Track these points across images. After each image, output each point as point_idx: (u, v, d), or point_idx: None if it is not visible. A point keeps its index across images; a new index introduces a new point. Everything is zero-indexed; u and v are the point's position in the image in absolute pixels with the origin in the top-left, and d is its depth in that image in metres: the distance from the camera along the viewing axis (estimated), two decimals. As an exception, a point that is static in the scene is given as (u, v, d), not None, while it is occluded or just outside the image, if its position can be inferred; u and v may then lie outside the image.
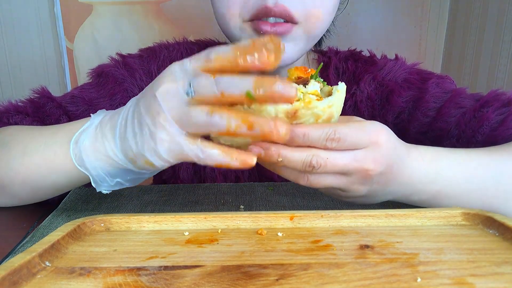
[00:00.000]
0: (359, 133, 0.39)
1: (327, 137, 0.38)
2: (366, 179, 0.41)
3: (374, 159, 0.40)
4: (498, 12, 1.15)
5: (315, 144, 0.38)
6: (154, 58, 0.69)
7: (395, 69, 0.66)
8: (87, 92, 0.65)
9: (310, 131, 0.37)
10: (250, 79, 0.33)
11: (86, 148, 0.43)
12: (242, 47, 0.34)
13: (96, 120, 0.44)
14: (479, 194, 0.46)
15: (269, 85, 0.33)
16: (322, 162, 0.38)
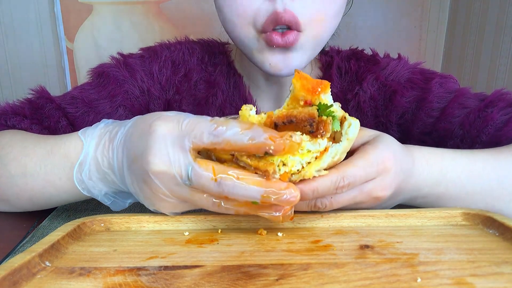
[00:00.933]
0: (366, 169, 0.39)
1: (336, 186, 0.37)
2: (376, 203, 0.42)
3: (382, 188, 0.40)
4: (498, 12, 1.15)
5: (326, 195, 0.38)
6: (155, 58, 0.69)
7: (398, 69, 0.66)
8: (87, 93, 0.64)
9: (319, 186, 0.37)
10: (258, 191, 0.34)
11: (94, 184, 0.43)
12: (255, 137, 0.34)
13: (90, 151, 0.43)
14: (483, 196, 0.46)
15: (276, 197, 0.34)
16: (327, 202, 0.39)
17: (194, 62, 0.70)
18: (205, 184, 0.35)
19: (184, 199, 0.38)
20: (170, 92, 0.69)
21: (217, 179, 0.35)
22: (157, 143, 0.36)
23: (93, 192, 0.44)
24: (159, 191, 0.38)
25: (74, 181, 0.44)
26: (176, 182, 0.37)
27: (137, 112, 0.67)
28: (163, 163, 0.36)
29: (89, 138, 0.43)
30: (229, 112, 0.67)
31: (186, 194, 0.37)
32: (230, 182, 0.34)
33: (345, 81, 0.69)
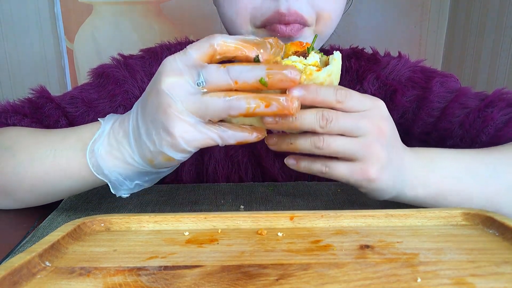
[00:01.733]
0: (362, 96, 0.42)
1: (336, 91, 0.40)
2: (381, 136, 0.42)
3: (381, 117, 0.42)
4: (498, 12, 1.15)
5: (326, 99, 0.40)
6: (155, 59, 0.69)
7: (398, 68, 0.66)
8: (87, 92, 0.64)
9: (321, 87, 0.40)
10: (262, 67, 0.37)
11: (103, 157, 0.43)
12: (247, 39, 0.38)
13: (107, 127, 0.44)
14: (481, 190, 0.46)
15: (280, 72, 0.36)
16: (334, 115, 0.40)
17: None
18: (215, 75, 0.37)
19: (197, 108, 0.38)
20: None
21: (226, 66, 0.37)
22: (168, 65, 0.39)
23: (102, 167, 0.43)
24: (173, 107, 0.38)
25: (86, 156, 0.43)
26: (189, 90, 0.38)
27: None
28: (175, 75, 0.38)
29: (107, 119, 0.45)
30: None
31: (198, 100, 0.38)
32: (237, 66, 0.37)
33: (345, 80, 0.69)
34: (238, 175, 0.67)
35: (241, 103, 0.37)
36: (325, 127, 0.40)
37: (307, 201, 0.54)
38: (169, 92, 0.38)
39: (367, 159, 0.42)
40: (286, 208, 0.52)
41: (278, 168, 0.66)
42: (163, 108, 0.38)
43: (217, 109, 0.38)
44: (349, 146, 0.41)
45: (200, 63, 0.38)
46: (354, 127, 0.41)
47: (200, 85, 0.37)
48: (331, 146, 0.41)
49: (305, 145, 0.42)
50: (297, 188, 0.59)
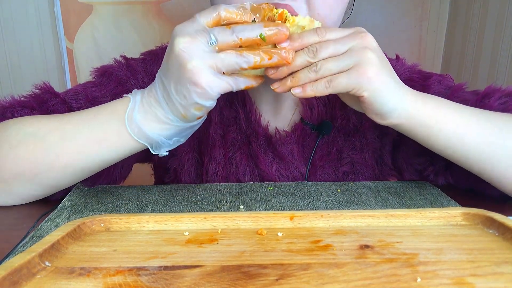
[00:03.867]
0: (342, 29, 0.48)
1: (316, 31, 0.47)
2: (366, 45, 0.47)
3: (368, 39, 0.48)
4: (498, 12, 1.15)
5: (310, 39, 0.47)
6: (156, 60, 0.69)
7: (397, 68, 0.66)
8: (89, 90, 0.64)
9: (303, 32, 0.47)
10: (260, 25, 0.44)
11: (142, 122, 0.48)
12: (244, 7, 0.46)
13: (138, 98, 0.49)
14: (478, 132, 0.50)
15: (274, 28, 0.44)
16: (317, 46, 0.46)
17: None
18: (223, 34, 0.44)
19: (214, 63, 0.44)
20: None
21: (231, 27, 0.44)
22: (180, 31, 0.45)
23: (143, 129, 0.48)
24: (193, 63, 0.43)
25: (125, 125, 0.48)
26: (203, 49, 0.44)
27: None
28: (190, 36, 0.44)
29: (135, 93, 0.50)
30: (229, 113, 0.67)
31: (214, 56, 0.44)
32: (240, 26, 0.44)
33: None
34: (236, 176, 0.67)
35: (250, 58, 0.44)
36: (315, 57, 0.46)
37: (307, 201, 0.54)
38: (187, 52, 0.43)
39: (361, 63, 0.46)
40: (286, 208, 0.52)
41: (275, 170, 0.66)
42: (185, 66, 0.44)
43: (231, 63, 0.44)
44: (341, 59, 0.46)
45: (208, 27, 0.44)
46: (339, 47, 0.46)
47: (212, 44, 0.44)
48: (325, 65, 0.46)
49: (304, 73, 0.47)
50: (297, 188, 0.59)
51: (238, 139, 0.67)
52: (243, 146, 0.67)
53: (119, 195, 0.57)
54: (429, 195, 0.56)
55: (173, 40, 0.45)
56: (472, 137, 0.50)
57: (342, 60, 0.46)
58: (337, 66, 0.46)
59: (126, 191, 0.59)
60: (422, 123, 0.50)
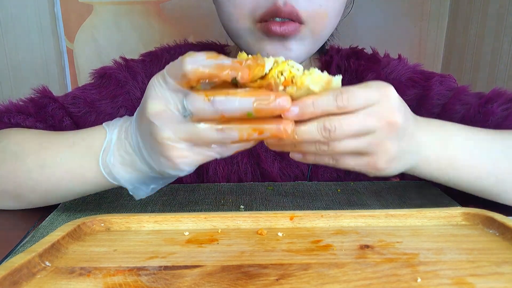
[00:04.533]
0: (367, 89, 0.38)
1: (335, 97, 0.37)
2: (391, 132, 0.39)
3: (391, 110, 0.39)
4: (498, 12, 1.15)
5: (326, 109, 0.37)
6: (156, 62, 0.69)
7: (398, 68, 0.66)
8: (88, 93, 0.64)
9: (317, 98, 0.37)
10: (249, 100, 0.35)
11: (117, 168, 0.43)
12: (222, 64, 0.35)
13: (113, 137, 0.44)
14: (492, 167, 0.46)
15: (268, 103, 0.35)
16: (337, 123, 0.37)
17: None
18: (200, 107, 0.36)
19: (188, 137, 0.38)
20: None
21: (210, 99, 0.35)
22: (152, 90, 0.38)
23: (117, 177, 0.44)
24: (164, 136, 0.38)
25: (99, 167, 0.44)
26: (176, 119, 0.37)
27: None
28: (161, 103, 0.37)
29: (112, 127, 0.45)
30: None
31: (189, 129, 0.37)
32: (222, 98, 0.35)
33: (345, 79, 0.69)
34: (237, 175, 0.67)
35: (233, 134, 0.37)
36: (329, 137, 0.38)
37: (307, 201, 0.54)
38: (157, 122, 0.38)
39: (375, 153, 0.40)
40: (286, 208, 0.52)
41: (277, 168, 0.66)
42: (155, 137, 0.38)
43: (210, 139, 0.37)
44: (356, 145, 0.39)
45: (181, 90, 0.37)
46: (360, 129, 0.38)
47: (187, 116, 0.37)
48: (336, 148, 0.39)
49: (309, 148, 0.40)
50: (297, 188, 0.59)
51: None
52: None
53: (119, 195, 0.57)
54: (430, 195, 0.56)
55: (145, 101, 0.39)
56: (488, 179, 0.47)
57: (357, 145, 0.39)
58: (350, 151, 0.40)
59: (126, 191, 0.59)
60: (434, 175, 0.46)
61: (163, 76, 0.38)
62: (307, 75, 0.36)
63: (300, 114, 0.36)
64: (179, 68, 0.36)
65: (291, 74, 0.36)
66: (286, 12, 0.52)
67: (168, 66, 0.38)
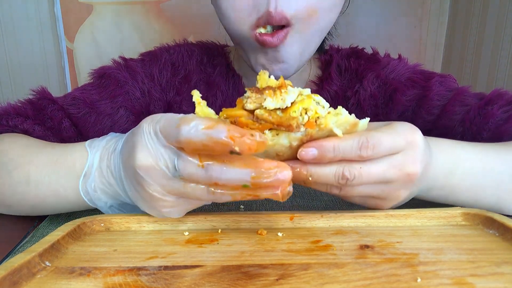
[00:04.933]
0: (393, 136, 0.36)
1: (359, 145, 0.35)
2: (408, 183, 0.38)
3: (413, 161, 0.37)
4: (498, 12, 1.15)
5: (348, 156, 0.35)
6: (155, 61, 0.69)
7: (398, 68, 0.66)
8: (88, 93, 0.64)
9: (340, 143, 0.35)
10: (247, 172, 0.33)
11: (98, 194, 0.43)
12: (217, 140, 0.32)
13: (95, 162, 0.43)
14: (495, 189, 0.45)
15: (267, 177, 0.32)
16: (356, 172, 0.36)
17: (193, 63, 0.70)
18: (192, 172, 0.34)
19: (177, 193, 0.36)
20: (171, 94, 0.69)
21: (204, 165, 0.33)
22: (143, 139, 0.36)
23: (98, 204, 0.44)
24: (151, 189, 0.37)
25: (79, 192, 0.43)
26: (165, 176, 0.36)
27: (137, 113, 0.67)
28: (150, 157, 0.36)
29: (94, 150, 0.43)
30: None
31: (178, 187, 0.36)
32: (217, 167, 0.33)
33: (344, 78, 0.69)
34: None
35: (226, 198, 0.35)
36: (345, 184, 0.36)
37: (307, 201, 0.54)
38: (145, 176, 0.36)
39: (385, 199, 0.39)
40: (286, 208, 0.52)
41: None
42: (143, 188, 0.37)
43: (200, 198, 0.36)
44: (370, 191, 0.38)
45: (173, 149, 0.35)
46: (379, 179, 0.36)
47: (176, 175, 0.35)
48: (348, 193, 0.38)
49: (321, 188, 0.38)
50: (297, 188, 0.59)
51: None
52: None
53: (119, 195, 0.57)
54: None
55: (134, 149, 0.36)
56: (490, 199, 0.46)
57: (370, 194, 0.38)
58: (362, 195, 0.39)
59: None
60: (433, 199, 0.46)
61: (155, 130, 0.36)
62: (333, 116, 0.34)
63: (319, 158, 0.35)
64: (174, 133, 0.34)
65: (316, 115, 0.34)
66: (277, 19, 0.53)
67: (162, 123, 0.35)
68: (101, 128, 0.64)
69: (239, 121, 0.34)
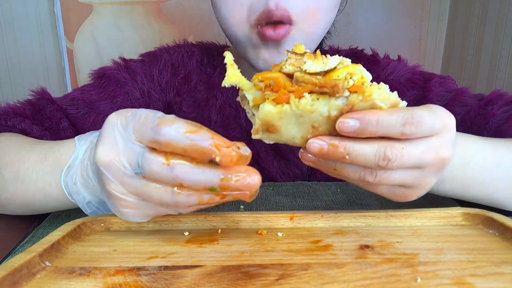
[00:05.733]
0: (433, 117, 0.34)
1: (404, 121, 0.32)
2: (440, 169, 0.36)
3: (447, 145, 0.35)
4: (498, 12, 1.15)
5: (391, 131, 0.32)
6: (155, 62, 0.69)
7: (398, 69, 0.66)
8: (87, 94, 0.64)
9: (384, 116, 0.32)
10: (216, 174, 0.31)
11: (77, 186, 0.41)
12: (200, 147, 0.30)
13: (80, 154, 0.41)
14: (506, 182, 0.45)
15: (236, 181, 0.31)
16: (398, 153, 0.33)
17: (193, 64, 0.70)
18: (157, 171, 0.32)
19: (138, 193, 0.34)
20: (170, 94, 0.69)
21: (170, 164, 0.32)
22: (108, 132, 0.35)
23: (76, 198, 0.42)
24: (111, 186, 0.34)
25: (61, 184, 0.42)
26: (126, 173, 0.34)
27: None
28: (112, 152, 0.34)
29: (82, 143, 0.42)
30: (229, 113, 0.67)
31: (140, 187, 0.34)
32: (185, 167, 0.31)
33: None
34: None
35: (192, 199, 0.33)
36: (385, 166, 0.33)
37: (307, 201, 0.54)
38: (105, 172, 0.34)
39: (416, 187, 0.37)
40: (286, 208, 0.52)
41: (276, 167, 0.66)
42: (104, 185, 0.35)
43: (162, 200, 0.33)
44: (404, 178, 0.35)
45: (140, 148, 0.33)
46: (417, 162, 0.34)
47: (138, 174, 0.33)
48: (384, 181, 0.35)
49: (353, 176, 0.35)
50: (297, 188, 0.59)
51: (239, 137, 0.67)
52: None
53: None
54: (429, 195, 0.55)
55: (98, 141, 0.35)
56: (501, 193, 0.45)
57: (403, 181, 0.36)
58: (395, 183, 0.36)
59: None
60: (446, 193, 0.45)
61: (123, 124, 0.34)
62: (376, 89, 0.32)
63: (359, 131, 0.32)
64: (150, 132, 0.32)
65: (362, 79, 0.32)
66: (278, 15, 0.53)
67: (138, 118, 0.34)
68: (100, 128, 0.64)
69: (276, 82, 0.32)
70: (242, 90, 0.34)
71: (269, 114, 0.32)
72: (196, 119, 0.69)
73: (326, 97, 0.32)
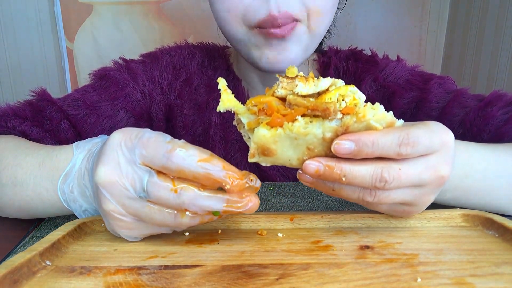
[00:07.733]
0: (430, 135, 0.34)
1: (400, 142, 0.32)
2: (439, 187, 0.36)
3: (446, 163, 0.35)
4: (498, 12, 1.15)
5: (386, 153, 0.32)
6: (156, 63, 0.69)
7: (396, 70, 0.66)
8: (88, 95, 0.64)
9: (379, 137, 0.32)
10: (221, 200, 0.33)
11: (74, 194, 0.41)
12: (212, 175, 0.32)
13: (77, 162, 0.41)
14: (508, 190, 0.45)
15: (239, 207, 0.33)
16: (395, 174, 0.33)
17: (194, 66, 0.70)
18: (163, 196, 0.33)
19: (138, 215, 0.35)
20: (172, 97, 0.69)
21: (177, 190, 0.32)
22: (111, 152, 0.34)
23: (72, 206, 0.42)
24: (109, 206, 0.34)
25: (58, 191, 0.42)
26: (128, 195, 0.34)
27: (138, 115, 0.67)
28: (114, 173, 0.34)
29: (79, 150, 0.42)
30: (229, 114, 0.67)
31: (142, 209, 0.34)
32: (191, 193, 0.32)
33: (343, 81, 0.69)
34: None
35: (195, 221, 0.34)
36: (383, 187, 0.33)
37: (307, 201, 0.54)
38: (105, 192, 0.34)
39: (415, 205, 0.37)
40: (286, 208, 0.52)
41: (276, 169, 0.66)
42: (101, 204, 0.35)
43: (166, 223, 0.34)
44: (402, 198, 0.36)
45: (144, 171, 0.33)
46: (415, 182, 0.34)
47: (142, 198, 0.33)
48: (383, 201, 0.35)
49: (352, 196, 0.35)
50: (297, 188, 0.59)
51: (238, 139, 0.67)
52: (243, 147, 0.67)
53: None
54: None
55: (99, 160, 0.35)
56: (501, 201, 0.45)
57: (402, 200, 0.36)
58: (395, 202, 0.36)
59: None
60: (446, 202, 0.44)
61: (130, 146, 0.34)
62: (370, 109, 0.32)
63: (356, 152, 0.32)
64: (162, 158, 0.32)
65: (354, 101, 0.32)
66: (283, 20, 0.52)
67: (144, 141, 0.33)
68: (101, 129, 0.63)
69: (269, 106, 0.32)
70: (237, 114, 0.35)
71: (264, 138, 0.33)
72: (197, 121, 0.68)
73: (320, 119, 0.32)
